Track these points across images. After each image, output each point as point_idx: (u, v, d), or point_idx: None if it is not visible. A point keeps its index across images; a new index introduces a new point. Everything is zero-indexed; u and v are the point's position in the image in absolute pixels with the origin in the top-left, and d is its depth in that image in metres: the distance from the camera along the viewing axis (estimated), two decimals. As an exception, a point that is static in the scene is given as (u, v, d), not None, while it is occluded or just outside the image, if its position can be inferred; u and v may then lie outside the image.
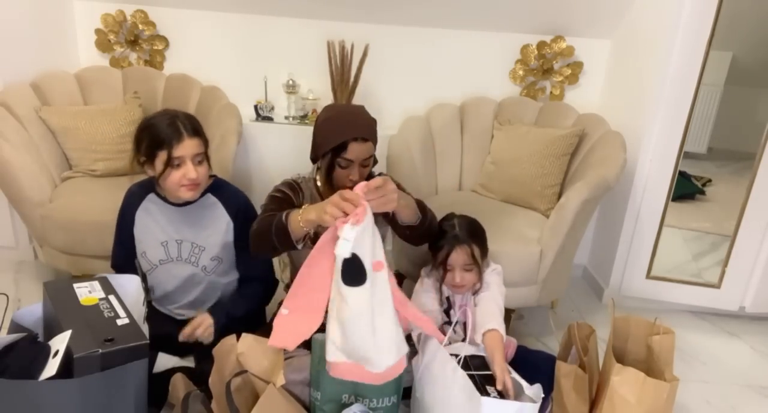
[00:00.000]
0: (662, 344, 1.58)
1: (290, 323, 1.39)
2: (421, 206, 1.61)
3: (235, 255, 1.79)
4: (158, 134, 1.57)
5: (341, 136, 1.55)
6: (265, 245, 1.53)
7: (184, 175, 1.59)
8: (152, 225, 1.74)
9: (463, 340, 1.61)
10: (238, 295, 1.81)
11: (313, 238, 1.45)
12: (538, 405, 1.35)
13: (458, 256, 1.65)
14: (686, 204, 2.72)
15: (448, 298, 1.74)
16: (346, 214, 1.27)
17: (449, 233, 1.67)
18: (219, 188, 1.76)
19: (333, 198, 1.31)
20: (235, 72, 2.69)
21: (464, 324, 1.70)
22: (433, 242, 1.72)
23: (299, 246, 1.50)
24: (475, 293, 1.73)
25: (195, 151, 1.60)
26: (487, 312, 1.64)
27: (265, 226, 1.51)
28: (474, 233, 1.70)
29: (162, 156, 1.57)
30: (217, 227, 1.74)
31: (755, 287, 2.31)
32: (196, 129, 1.62)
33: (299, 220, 1.43)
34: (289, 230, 1.46)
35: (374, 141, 1.62)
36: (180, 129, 1.57)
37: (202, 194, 1.71)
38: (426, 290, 1.75)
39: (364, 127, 1.60)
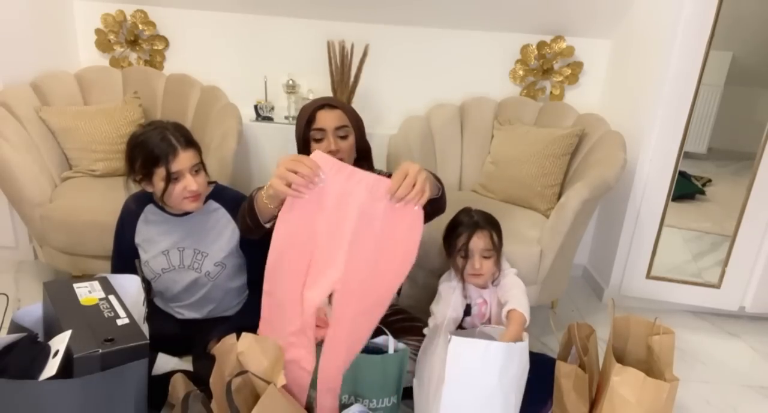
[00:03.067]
0: (662, 344, 1.58)
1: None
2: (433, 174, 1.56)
3: (242, 260, 1.80)
4: (152, 151, 1.56)
5: (308, 110, 1.57)
6: (243, 222, 1.53)
7: (185, 187, 1.59)
8: (154, 235, 1.74)
9: None
10: (246, 307, 1.82)
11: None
12: (507, 346, 1.36)
13: (479, 240, 1.67)
14: (686, 204, 2.72)
15: (468, 305, 1.70)
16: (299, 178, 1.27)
17: (467, 221, 1.70)
18: (220, 193, 1.76)
19: (281, 161, 1.29)
20: (235, 72, 2.69)
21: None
22: (448, 234, 1.74)
23: (267, 226, 1.47)
24: (494, 282, 1.72)
25: (191, 162, 1.60)
26: (511, 294, 1.63)
27: (247, 202, 1.52)
28: (492, 222, 1.74)
29: (160, 173, 1.57)
30: (221, 233, 1.74)
31: (755, 287, 2.31)
32: (188, 140, 1.61)
33: (263, 196, 1.40)
34: (255, 208, 1.45)
35: (347, 113, 1.59)
36: (173, 143, 1.56)
37: (204, 202, 1.71)
38: (445, 298, 1.69)
39: (329, 99, 1.62)
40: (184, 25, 2.66)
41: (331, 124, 1.55)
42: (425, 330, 1.66)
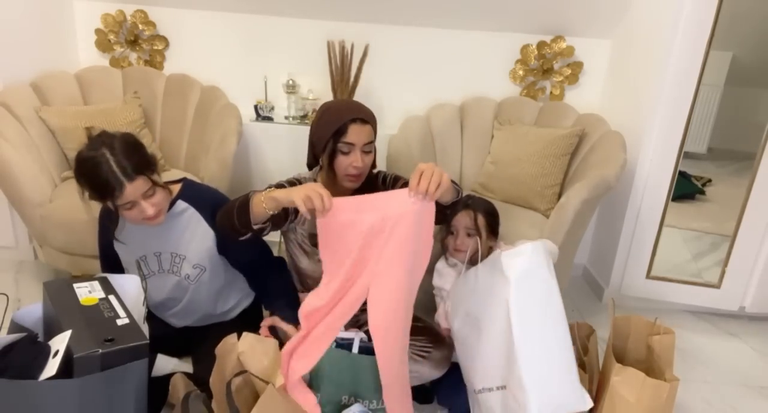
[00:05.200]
0: (662, 344, 1.58)
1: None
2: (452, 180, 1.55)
3: (222, 260, 1.73)
4: (98, 184, 1.45)
5: (341, 119, 1.51)
6: (227, 220, 1.49)
7: (141, 212, 1.52)
8: (129, 243, 1.70)
9: None
10: (274, 286, 1.75)
11: (272, 227, 1.51)
12: (546, 244, 1.52)
13: (461, 218, 1.76)
14: (686, 204, 2.72)
15: None
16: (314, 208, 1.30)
17: (460, 203, 1.77)
18: (189, 192, 1.68)
19: (312, 185, 1.31)
20: (235, 72, 2.69)
21: None
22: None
23: (255, 227, 1.46)
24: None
25: (142, 190, 1.48)
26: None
27: (233, 202, 1.49)
28: (484, 206, 1.80)
29: (111, 204, 1.49)
30: (194, 233, 1.67)
31: (755, 287, 2.32)
32: (136, 166, 1.46)
33: (262, 198, 1.39)
34: (249, 207, 1.42)
35: (374, 127, 1.57)
36: (118, 176, 1.43)
37: (172, 202, 1.64)
38: (445, 273, 1.82)
39: (363, 110, 1.56)
40: (184, 25, 2.66)
41: (362, 140, 1.52)
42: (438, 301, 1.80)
